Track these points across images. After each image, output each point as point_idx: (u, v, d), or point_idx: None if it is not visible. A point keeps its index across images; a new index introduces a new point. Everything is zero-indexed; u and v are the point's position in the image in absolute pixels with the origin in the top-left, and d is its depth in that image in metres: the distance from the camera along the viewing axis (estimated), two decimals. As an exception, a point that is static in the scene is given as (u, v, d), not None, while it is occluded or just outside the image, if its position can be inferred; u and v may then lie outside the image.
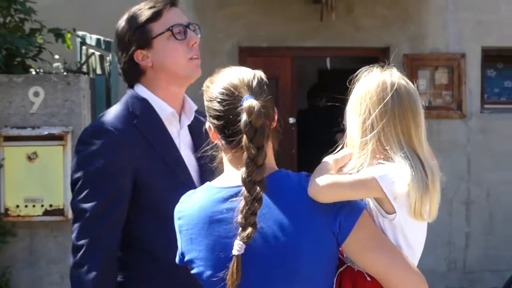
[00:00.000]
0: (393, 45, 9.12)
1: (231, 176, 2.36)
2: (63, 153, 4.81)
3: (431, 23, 9.17)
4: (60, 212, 4.81)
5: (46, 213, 4.84)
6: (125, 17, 2.90)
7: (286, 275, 2.25)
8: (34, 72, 5.59)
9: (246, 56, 8.99)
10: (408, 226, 2.40)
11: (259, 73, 2.47)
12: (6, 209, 4.84)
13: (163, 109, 2.89)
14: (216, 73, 2.51)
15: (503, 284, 8.51)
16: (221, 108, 2.36)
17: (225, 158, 2.41)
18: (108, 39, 5.66)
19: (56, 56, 6.03)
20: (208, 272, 2.31)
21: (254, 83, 2.41)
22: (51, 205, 4.83)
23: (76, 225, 2.74)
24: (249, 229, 2.21)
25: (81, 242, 2.71)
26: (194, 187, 2.78)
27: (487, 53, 9.31)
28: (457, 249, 9.15)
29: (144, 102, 2.88)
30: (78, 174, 2.76)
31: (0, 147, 4.85)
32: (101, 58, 5.77)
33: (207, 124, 2.43)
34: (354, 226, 2.24)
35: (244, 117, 2.27)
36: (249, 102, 2.29)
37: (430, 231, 8.49)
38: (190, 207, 2.39)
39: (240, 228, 2.22)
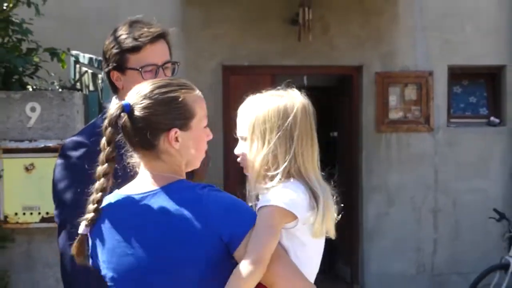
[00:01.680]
0: (365, 64, 9.18)
1: None
2: (59, 164, 4.84)
3: (401, 43, 9.22)
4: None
5: (43, 220, 4.87)
6: (113, 35, 2.85)
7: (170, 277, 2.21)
8: (31, 89, 5.62)
9: (229, 74, 9.01)
10: (303, 239, 2.29)
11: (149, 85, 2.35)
12: (5, 217, 4.87)
13: None
14: None
15: (469, 286, 8.56)
16: None
17: None
18: (100, 58, 5.69)
19: (52, 74, 6.06)
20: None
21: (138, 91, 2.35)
22: (47, 213, 4.85)
23: (60, 237, 2.79)
24: (92, 214, 2.27)
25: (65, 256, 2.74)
26: None
27: (453, 71, 9.37)
28: (425, 254, 9.20)
29: None
30: (55, 187, 2.81)
31: (0, 159, 4.88)
32: (94, 75, 5.80)
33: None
34: (245, 237, 2.17)
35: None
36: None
37: (400, 237, 8.56)
38: None
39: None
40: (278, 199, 2.21)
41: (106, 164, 2.25)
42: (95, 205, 2.25)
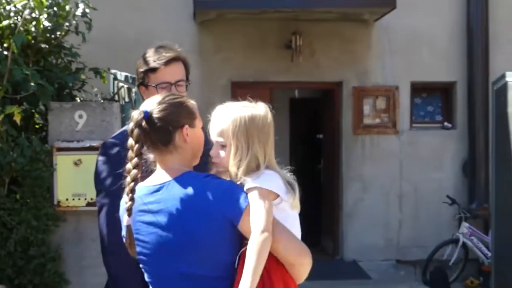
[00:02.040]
0: (345, 80, 9.19)
1: None
2: (101, 160, 4.84)
3: (373, 64, 9.21)
4: (98, 203, 4.83)
5: (88, 204, 4.85)
6: (142, 57, 2.88)
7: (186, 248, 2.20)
8: (79, 100, 5.61)
9: (237, 88, 9.00)
10: (287, 212, 2.31)
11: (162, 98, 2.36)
12: (58, 202, 4.85)
13: None
14: None
15: (427, 256, 8.55)
16: None
17: None
18: (133, 76, 5.68)
19: (95, 89, 6.05)
20: None
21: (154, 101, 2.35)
22: (92, 199, 4.83)
23: (101, 218, 2.79)
24: (130, 203, 2.23)
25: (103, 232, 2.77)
26: None
27: (414, 86, 9.36)
28: (392, 230, 9.19)
29: None
30: (100, 179, 2.82)
31: (54, 156, 4.87)
32: (129, 90, 5.78)
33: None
34: (244, 212, 2.18)
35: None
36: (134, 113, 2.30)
37: (372, 217, 8.49)
38: None
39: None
40: (264, 183, 2.23)
41: (136, 158, 2.24)
42: (130, 194, 2.22)
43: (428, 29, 9.20)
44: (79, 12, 5.39)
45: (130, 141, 2.26)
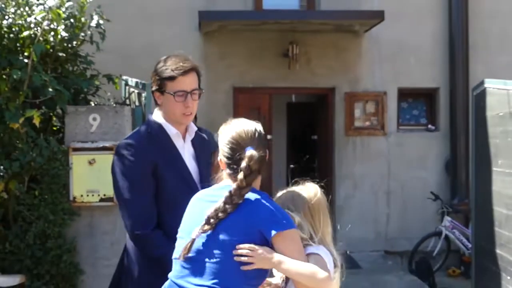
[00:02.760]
0: (337, 86, 9.16)
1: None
2: (113, 159, 4.81)
3: (363, 71, 9.19)
4: (111, 199, 4.79)
5: (101, 200, 4.83)
6: (162, 61, 2.87)
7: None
8: (93, 104, 5.58)
9: (238, 93, 8.99)
10: None
11: (260, 128, 2.38)
12: (74, 197, 4.82)
13: (171, 130, 2.91)
14: (228, 123, 2.41)
15: (413, 247, 8.53)
16: (229, 152, 2.32)
17: (225, 176, 2.37)
18: (143, 82, 5.65)
19: (108, 93, 6.02)
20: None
21: (256, 137, 2.34)
22: (105, 195, 4.81)
23: (122, 211, 2.81)
24: (207, 226, 2.21)
25: (130, 220, 2.77)
26: (193, 182, 2.87)
27: (401, 92, 9.34)
28: (380, 224, 9.16)
29: (158, 125, 2.91)
30: (117, 176, 2.84)
31: (70, 155, 4.84)
32: (139, 94, 5.76)
33: (219, 158, 2.39)
34: (278, 232, 2.20)
35: (244, 162, 2.25)
36: (250, 152, 2.26)
37: (362, 212, 8.48)
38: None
39: (204, 221, 2.22)
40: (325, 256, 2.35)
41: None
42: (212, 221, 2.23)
43: (413, 40, 9.19)
44: (93, 23, 5.37)
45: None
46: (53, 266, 4.67)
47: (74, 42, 5.29)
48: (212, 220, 2.21)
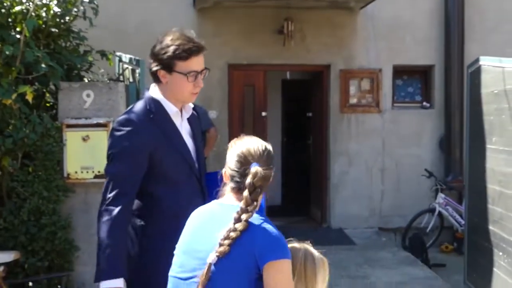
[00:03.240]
0: (332, 63, 9.13)
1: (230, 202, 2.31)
2: (107, 136, 4.78)
3: (358, 48, 9.16)
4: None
5: (96, 176, 4.80)
6: (169, 38, 2.77)
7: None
8: (86, 81, 5.54)
9: (233, 70, 8.95)
10: None
11: (269, 147, 2.33)
12: (68, 174, 4.80)
13: (171, 108, 2.85)
14: (241, 138, 2.36)
15: (406, 224, 8.57)
16: (237, 165, 2.27)
17: (228, 191, 2.32)
18: (137, 58, 5.61)
19: (102, 70, 5.98)
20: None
21: (264, 155, 2.29)
22: (99, 171, 4.79)
23: (108, 183, 2.72)
24: (222, 248, 2.14)
25: (110, 194, 2.68)
26: (192, 160, 2.84)
27: (396, 69, 9.32)
28: (375, 201, 9.19)
29: (157, 103, 2.84)
30: (111, 150, 2.75)
31: (64, 132, 4.81)
32: (133, 71, 5.71)
33: (223, 170, 2.34)
34: (271, 261, 2.13)
35: (249, 178, 2.21)
36: (255, 168, 2.22)
37: (356, 188, 8.52)
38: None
39: (218, 244, 2.16)
40: None
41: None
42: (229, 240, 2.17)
43: (409, 17, 9.15)
44: (86, -2, 5.30)
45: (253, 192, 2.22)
46: (48, 242, 4.66)
47: (67, 18, 5.23)
48: (226, 241, 2.15)
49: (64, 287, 4.62)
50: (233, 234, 2.15)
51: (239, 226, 2.16)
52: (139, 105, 2.85)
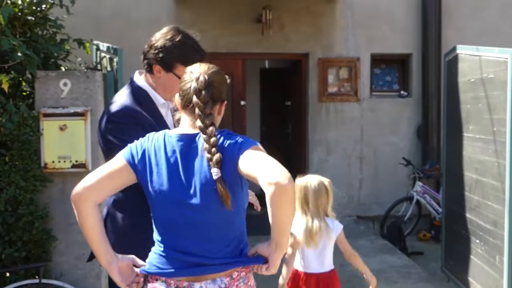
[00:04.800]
0: (311, 52, 9.14)
1: (184, 129, 2.33)
2: (84, 125, 4.74)
3: (337, 37, 9.17)
4: (83, 165, 4.75)
5: (73, 166, 4.77)
6: (176, 38, 2.84)
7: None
8: (63, 69, 5.49)
9: (211, 59, 8.83)
10: None
11: (212, 66, 2.39)
12: (45, 164, 4.76)
13: (158, 99, 2.88)
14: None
15: (385, 212, 8.65)
16: (182, 86, 2.33)
17: (182, 119, 2.36)
18: (115, 46, 5.56)
19: (79, 58, 5.92)
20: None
21: (206, 68, 2.35)
22: (76, 161, 4.76)
23: None
24: (216, 156, 2.17)
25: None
26: None
27: (374, 58, 9.36)
28: (353, 188, 9.25)
29: (144, 92, 2.85)
30: (116, 141, 2.72)
31: (41, 121, 4.76)
32: (111, 59, 5.67)
33: (176, 96, 2.39)
34: (244, 152, 2.17)
35: (193, 83, 2.27)
36: (197, 75, 2.28)
37: (335, 177, 8.52)
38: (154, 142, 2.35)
39: (209, 159, 2.18)
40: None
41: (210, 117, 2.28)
42: (214, 148, 2.20)
43: (386, 6, 9.19)
44: (63, -14, 5.24)
45: (201, 99, 2.26)
46: (25, 232, 4.63)
47: (43, 6, 5.17)
48: (213, 149, 2.19)
49: (42, 277, 4.59)
50: (214, 140, 2.19)
51: (210, 133, 2.20)
52: (126, 95, 2.84)
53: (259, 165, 2.10)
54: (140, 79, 2.88)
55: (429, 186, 8.85)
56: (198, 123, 2.23)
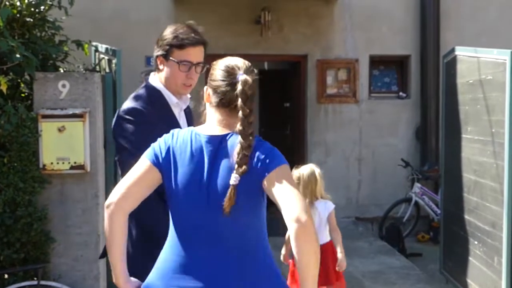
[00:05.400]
0: (310, 53, 9.15)
1: (213, 128, 2.30)
2: (83, 126, 4.73)
3: (335, 39, 9.18)
4: (81, 167, 4.74)
5: (72, 168, 4.76)
6: (173, 28, 2.87)
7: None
8: (62, 71, 5.48)
9: (210, 60, 8.87)
10: None
11: (247, 62, 2.36)
12: (44, 165, 4.75)
13: (171, 99, 2.91)
14: (218, 60, 2.38)
15: (383, 214, 8.65)
16: (223, 75, 2.29)
17: (210, 115, 2.33)
18: (113, 48, 5.56)
19: (77, 60, 5.92)
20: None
21: (250, 69, 2.33)
22: (75, 162, 4.75)
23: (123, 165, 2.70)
24: (244, 167, 2.16)
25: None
26: None
27: (373, 59, 9.37)
28: (352, 190, 9.26)
29: (158, 93, 2.89)
30: (124, 135, 2.77)
31: (39, 122, 4.75)
32: (109, 61, 5.67)
33: (205, 89, 2.36)
34: (273, 170, 2.17)
35: (240, 86, 2.23)
36: (244, 76, 2.25)
37: (334, 178, 8.57)
38: (180, 140, 2.31)
39: (237, 165, 2.16)
40: None
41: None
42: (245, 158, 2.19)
43: (385, 7, 9.19)
44: (61, -13, 5.24)
45: (246, 92, 2.25)
46: (24, 234, 4.62)
47: (42, 7, 5.16)
48: (243, 160, 2.17)
49: (40, 278, 4.58)
50: (246, 152, 2.17)
51: (249, 140, 2.19)
52: (142, 96, 2.88)
53: (282, 197, 2.14)
54: (155, 80, 2.94)
55: (427, 188, 8.85)
56: (239, 127, 2.21)
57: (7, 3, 4.68)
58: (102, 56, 5.88)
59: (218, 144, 2.24)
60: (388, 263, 7.14)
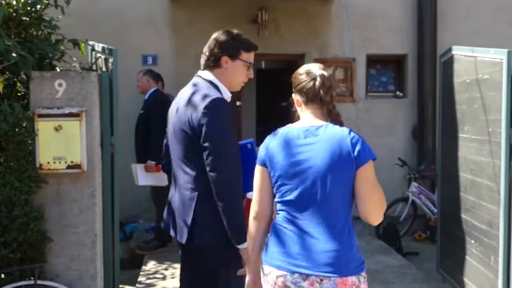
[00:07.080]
0: (307, 52, 9.15)
1: (308, 122, 2.79)
2: (80, 126, 4.72)
3: (332, 38, 9.19)
4: (78, 166, 4.73)
5: (68, 167, 4.75)
6: (235, 33, 3.34)
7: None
8: (58, 70, 5.47)
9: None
10: None
11: (321, 64, 2.87)
12: (40, 165, 4.74)
13: (227, 94, 3.27)
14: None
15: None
16: (305, 77, 2.81)
17: (302, 113, 2.83)
18: (110, 47, 5.55)
19: (74, 59, 5.91)
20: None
21: (321, 66, 2.83)
22: (72, 162, 4.74)
23: (224, 162, 3.05)
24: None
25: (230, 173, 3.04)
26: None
27: (370, 58, 9.37)
28: (349, 190, 9.22)
29: (217, 89, 3.22)
30: (223, 130, 3.08)
31: (35, 122, 4.74)
32: (106, 60, 5.65)
33: (293, 96, 2.87)
34: (367, 163, 2.76)
35: (319, 79, 2.76)
36: (320, 72, 2.79)
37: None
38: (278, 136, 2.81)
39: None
40: None
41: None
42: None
43: (382, 6, 9.20)
44: (58, -14, 5.23)
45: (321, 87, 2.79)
46: (20, 233, 4.61)
47: (38, 6, 5.15)
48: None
49: (37, 278, 4.57)
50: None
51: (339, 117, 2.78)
52: (211, 89, 3.16)
53: (363, 194, 2.82)
54: (208, 74, 3.26)
55: (424, 187, 8.86)
56: (326, 113, 2.75)
57: (3, 2, 4.67)
58: (98, 55, 5.87)
59: (314, 133, 2.70)
60: (385, 262, 7.14)
